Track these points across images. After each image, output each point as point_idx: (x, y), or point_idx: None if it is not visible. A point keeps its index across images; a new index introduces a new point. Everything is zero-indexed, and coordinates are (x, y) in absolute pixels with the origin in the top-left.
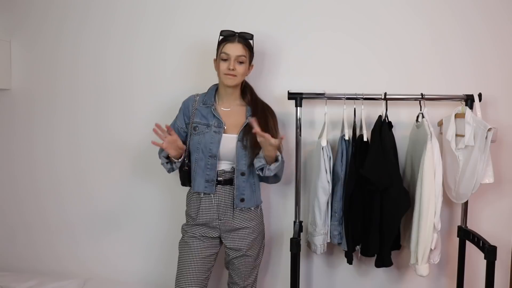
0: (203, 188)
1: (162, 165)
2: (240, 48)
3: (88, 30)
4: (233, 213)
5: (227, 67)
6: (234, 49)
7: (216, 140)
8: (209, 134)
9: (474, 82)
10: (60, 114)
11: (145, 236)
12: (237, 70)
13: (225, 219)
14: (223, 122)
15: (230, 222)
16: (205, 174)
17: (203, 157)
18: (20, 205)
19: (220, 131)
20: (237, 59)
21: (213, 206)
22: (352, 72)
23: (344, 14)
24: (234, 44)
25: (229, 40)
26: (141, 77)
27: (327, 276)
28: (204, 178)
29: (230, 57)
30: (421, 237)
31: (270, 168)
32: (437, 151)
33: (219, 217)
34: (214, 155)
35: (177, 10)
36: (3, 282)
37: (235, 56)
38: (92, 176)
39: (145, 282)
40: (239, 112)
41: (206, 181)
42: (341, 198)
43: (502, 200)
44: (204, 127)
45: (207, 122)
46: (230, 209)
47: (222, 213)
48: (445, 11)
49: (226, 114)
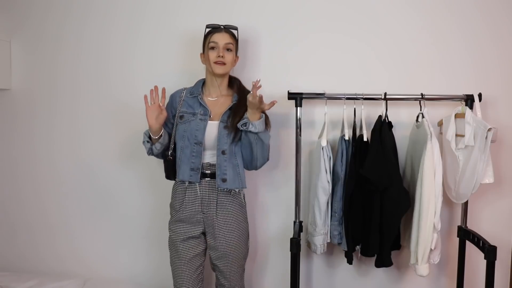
0: (188, 177)
1: (143, 143)
2: (227, 36)
3: (88, 30)
4: (216, 208)
5: (217, 55)
6: (221, 37)
7: (201, 127)
8: (195, 121)
9: (474, 82)
10: (60, 114)
11: (146, 236)
12: (226, 57)
13: (209, 212)
14: (209, 110)
15: (213, 216)
16: (190, 162)
17: (188, 145)
18: (20, 205)
19: (206, 119)
20: (225, 47)
21: (197, 197)
22: (352, 72)
23: (344, 14)
24: (221, 33)
25: (216, 30)
26: (142, 76)
27: (327, 276)
28: (189, 166)
29: (218, 45)
30: (421, 237)
31: (254, 124)
32: (437, 151)
33: (202, 210)
34: (199, 142)
35: (178, 8)
36: (3, 282)
37: (223, 44)
38: (92, 176)
39: (145, 282)
40: (225, 101)
41: (191, 169)
42: (341, 198)
43: (502, 200)
44: (190, 116)
45: (193, 110)
46: (214, 203)
47: (206, 206)
48: (445, 11)
49: (213, 103)
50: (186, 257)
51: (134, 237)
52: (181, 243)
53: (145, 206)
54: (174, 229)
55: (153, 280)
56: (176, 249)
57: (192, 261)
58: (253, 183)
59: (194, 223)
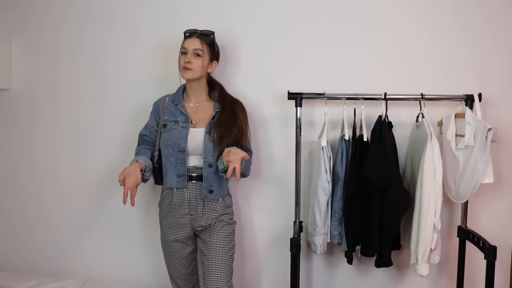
0: (175, 183)
1: None
2: (197, 42)
3: (88, 30)
4: (203, 209)
5: (184, 60)
6: (191, 43)
7: (183, 135)
8: (177, 129)
9: (474, 82)
10: (61, 114)
11: (145, 236)
12: (193, 63)
13: (196, 214)
14: (189, 117)
15: (199, 218)
16: (176, 169)
17: (173, 153)
18: (21, 205)
19: (187, 126)
20: (193, 52)
21: (185, 201)
22: (352, 72)
23: (344, 14)
24: (192, 39)
25: (188, 36)
26: (142, 76)
27: (327, 276)
28: (176, 173)
29: (187, 50)
30: (421, 237)
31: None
32: (437, 151)
33: (190, 213)
34: (182, 149)
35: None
36: (3, 282)
37: (192, 49)
38: (92, 176)
39: (145, 281)
40: (207, 107)
41: (178, 176)
42: (341, 198)
43: (502, 200)
44: (172, 124)
45: (175, 118)
46: (201, 204)
47: (193, 208)
48: (445, 11)
49: (194, 109)
50: (179, 256)
51: (134, 237)
52: (172, 244)
53: (145, 206)
54: (164, 231)
55: (153, 279)
56: (168, 249)
57: (185, 258)
58: (253, 183)
59: (182, 226)
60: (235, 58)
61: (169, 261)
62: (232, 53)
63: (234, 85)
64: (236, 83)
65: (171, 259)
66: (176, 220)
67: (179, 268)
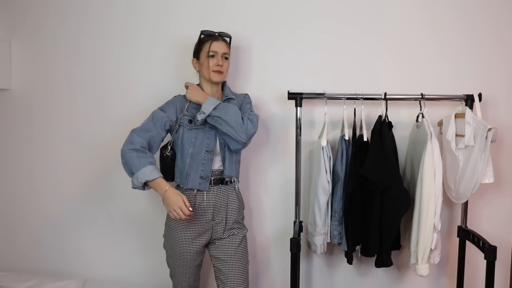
0: (197, 185)
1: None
2: (225, 46)
3: (87, 30)
4: (226, 214)
5: (216, 63)
6: (220, 46)
7: (212, 134)
8: (205, 129)
9: (474, 82)
10: (60, 114)
11: (146, 236)
12: (224, 66)
13: (219, 219)
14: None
15: (223, 223)
16: (200, 169)
17: (199, 152)
18: (20, 205)
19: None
20: (223, 55)
21: (208, 206)
22: (352, 72)
23: (344, 14)
24: (220, 42)
25: (215, 38)
26: (139, 77)
27: (327, 276)
28: (199, 174)
29: (217, 54)
30: (421, 237)
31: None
32: (437, 151)
33: (213, 218)
34: (211, 150)
35: (173, 11)
36: (3, 282)
37: (222, 53)
38: (91, 176)
39: (145, 281)
40: None
41: (201, 177)
42: (341, 198)
43: (502, 200)
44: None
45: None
46: (224, 209)
47: (217, 213)
48: (446, 11)
49: None
50: (193, 265)
51: (134, 237)
52: (189, 253)
53: (145, 206)
54: (181, 242)
55: (153, 280)
56: (182, 261)
57: (197, 266)
58: (253, 183)
59: (201, 235)
60: (235, 58)
61: (180, 272)
62: (232, 54)
63: (234, 85)
64: (236, 83)
65: (184, 268)
66: (198, 226)
67: (190, 277)
